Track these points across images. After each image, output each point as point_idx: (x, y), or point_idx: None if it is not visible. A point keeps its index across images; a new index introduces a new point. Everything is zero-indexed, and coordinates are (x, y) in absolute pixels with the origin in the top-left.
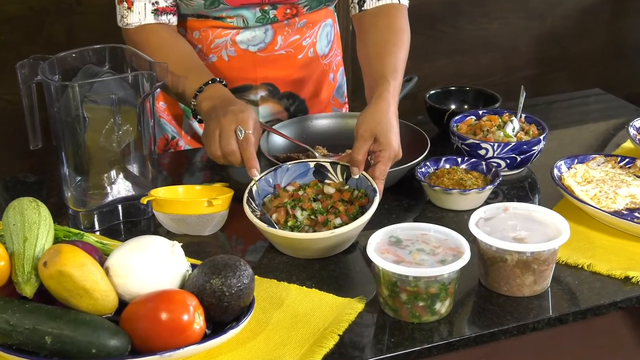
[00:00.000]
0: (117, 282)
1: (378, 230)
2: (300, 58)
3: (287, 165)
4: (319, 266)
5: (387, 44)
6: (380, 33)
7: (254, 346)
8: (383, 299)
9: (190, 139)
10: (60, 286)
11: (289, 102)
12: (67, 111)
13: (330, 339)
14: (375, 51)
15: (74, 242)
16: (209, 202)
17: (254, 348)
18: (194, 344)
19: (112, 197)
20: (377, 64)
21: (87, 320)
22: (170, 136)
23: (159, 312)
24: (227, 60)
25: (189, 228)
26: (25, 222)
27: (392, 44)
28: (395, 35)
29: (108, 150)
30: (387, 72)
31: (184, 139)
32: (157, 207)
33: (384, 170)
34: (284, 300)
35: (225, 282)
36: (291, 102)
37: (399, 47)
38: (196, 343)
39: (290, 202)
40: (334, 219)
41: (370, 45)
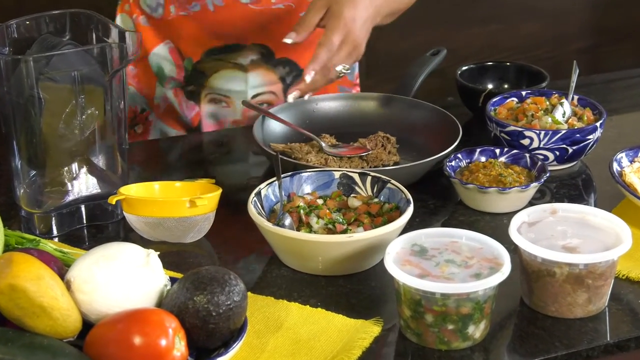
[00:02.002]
0: (80, 299)
1: (398, 238)
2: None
3: (306, 173)
4: (326, 282)
5: None
6: None
7: None
8: (404, 320)
9: (163, 112)
10: (12, 303)
11: (285, 70)
12: (19, 91)
13: None
14: None
15: (28, 250)
16: (191, 202)
17: None
18: None
19: (73, 196)
20: None
21: (44, 345)
22: (140, 108)
23: (131, 336)
24: (212, 10)
25: (167, 234)
26: None
27: None
28: None
29: (69, 139)
30: None
31: (155, 111)
32: (129, 209)
33: (324, 41)
34: (283, 322)
35: (212, 300)
36: (288, 71)
37: None
38: None
39: (305, 207)
40: (356, 229)
41: None
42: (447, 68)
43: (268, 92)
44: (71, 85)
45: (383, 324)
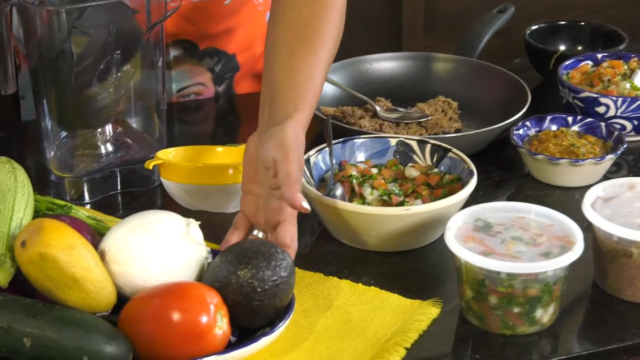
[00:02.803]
0: (115, 271)
1: (460, 212)
2: (227, 4)
3: (360, 139)
4: (380, 258)
5: (297, 44)
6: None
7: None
8: (465, 302)
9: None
10: (42, 273)
11: (213, 60)
12: (50, 45)
13: (394, 353)
14: (281, 58)
15: (59, 216)
16: (234, 168)
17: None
18: (214, 354)
19: (107, 160)
20: (278, 83)
21: (76, 319)
22: None
23: (169, 312)
24: None
25: (208, 202)
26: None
27: (305, 45)
28: (314, 25)
29: (102, 98)
30: (288, 102)
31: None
32: (166, 174)
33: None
34: (333, 300)
35: (257, 275)
36: (216, 61)
37: (316, 50)
38: (217, 353)
39: (358, 177)
40: (414, 201)
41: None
42: (514, 27)
43: (197, 84)
44: (106, 40)
45: (442, 305)
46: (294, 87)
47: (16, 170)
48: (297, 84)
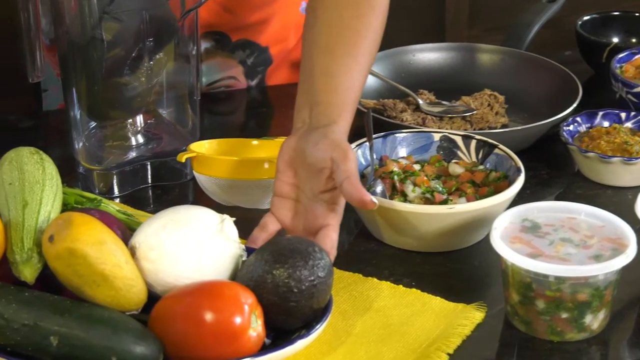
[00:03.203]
0: (146, 268)
1: (506, 211)
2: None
3: (402, 134)
4: (421, 259)
5: (338, 47)
6: (335, 20)
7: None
8: (511, 306)
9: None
10: (70, 269)
11: (245, 53)
12: (80, 31)
13: (436, 359)
14: (321, 61)
15: (89, 210)
16: (270, 162)
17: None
18: (248, 356)
19: (137, 152)
20: (319, 88)
21: (105, 318)
22: None
23: (201, 311)
24: None
25: (242, 198)
26: (26, 181)
27: (347, 49)
28: (356, 28)
29: (134, 87)
30: (332, 108)
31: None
32: (199, 168)
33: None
34: (372, 302)
35: (293, 274)
36: (248, 53)
37: (357, 55)
38: (251, 355)
39: (399, 173)
40: (458, 199)
41: (315, 48)
42: (564, 17)
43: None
44: (138, 26)
45: (487, 309)
46: (337, 93)
47: (44, 162)
48: (339, 90)
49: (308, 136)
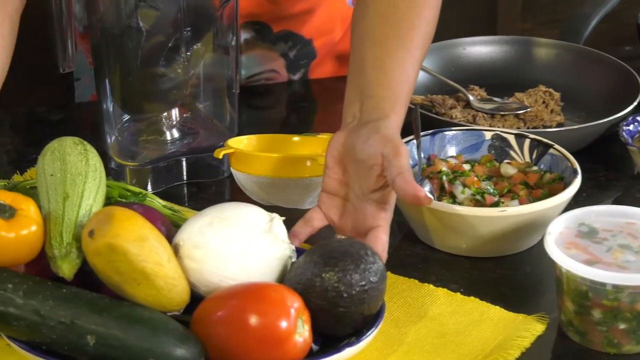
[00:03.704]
0: (189, 267)
1: (562, 215)
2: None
3: (451, 132)
4: (470, 264)
5: (391, 39)
6: (388, 11)
7: None
8: (565, 316)
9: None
10: (110, 266)
11: (287, 45)
12: (115, 20)
13: None
14: (373, 54)
15: (132, 204)
16: (312, 159)
17: None
18: None
19: (172, 148)
20: (371, 81)
21: (144, 318)
22: None
23: (246, 315)
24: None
25: (282, 197)
26: (68, 172)
27: (400, 40)
28: (410, 19)
29: (170, 79)
30: (385, 102)
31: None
32: (237, 165)
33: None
34: (427, 310)
35: (344, 278)
36: (291, 45)
37: (411, 48)
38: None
39: (448, 173)
40: (510, 202)
41: (366, 39)
42: (624, 11)
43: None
44: (176, 15)
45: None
46: (390, 87)
47: (88, 153)
48: (392, 84)
49: (358, 131)
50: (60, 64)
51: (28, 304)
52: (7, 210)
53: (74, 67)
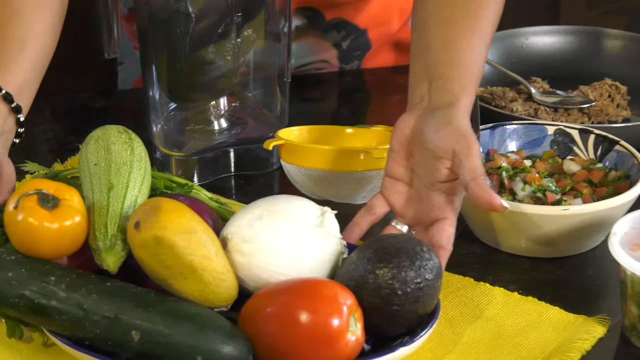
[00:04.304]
0: (238, 261)
1: (627, 215)
2: None
3: (512, 126)
4: (530, 264)
5: (459, 20)
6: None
7: None
8: (629, 320)
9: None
10: (156, 259)
11: (340, 34)
12: (162, 4)
13: None
14: (440, 34)
15: (178, 196)
16: (366, 153)
17: None
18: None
19: (220, 138)
20: (439, 61)
21: (191, 314)
22: None
23: (296, 312)
24: None
25: (334, 191)
26: (112, 162)
27: (468, 21)
28: (479, 1)
29: (219, 67)
30: (454, 83)
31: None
32: (288, 157)
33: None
34: (483, 310)
35: (398, 275)
36: (344, 35)
37: (480, 29)
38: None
39: (508, 169)
40: (572, 200)
41: (431, 20)
42: None
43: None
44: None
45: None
46: (459, 67)
47: (133, 142)
48: (462, 64)
49: (429, 117)
50: (105, 49)
51: (71, 298)
52: (51, 200)
53: (119, 53)
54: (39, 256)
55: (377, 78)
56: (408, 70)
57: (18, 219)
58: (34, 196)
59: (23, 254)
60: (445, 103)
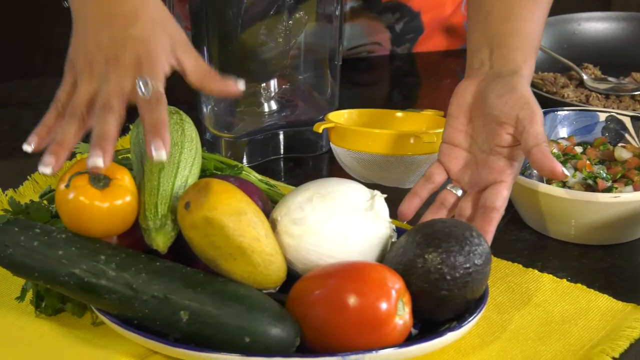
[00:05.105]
0: (287, 243)
1: None
2: None
3: (563, 112)
4: (579, 251)
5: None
6: None
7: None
8: None
9: None
10: (206, 240)
11: (394, 16)
12: None
13: None
14: (501, 3)
15: (228, 177)
16: (416, 136)
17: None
18: (393, 346)
19: (270, 120)
20: (500, 30)
21: (240, 295)
22: None
23: (344, 295)
24: None
25: (383, 175)
26: None
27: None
28: None
29: (270, 48)
30: (517, 52)
31: None
32: (337, 140)
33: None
34: (531, 296)
35: (447, 260)
36: (398, 17)
37: (540, 1)
38: (396, 346)
39: (559, 155)
40: (623, 187)
41: None
42: None
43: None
44: None
45: None
46: (521, 37)
47: (184, 122)
48: (524, 34)
49: (492, 83)
50: None
51: (120, 277)
52: (102, 179)
53: None
54: (89, 235)
55: (428, 62)
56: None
57: (69, 197)
58: (86, 175)
59: (73, 233)
60: (509, 70)
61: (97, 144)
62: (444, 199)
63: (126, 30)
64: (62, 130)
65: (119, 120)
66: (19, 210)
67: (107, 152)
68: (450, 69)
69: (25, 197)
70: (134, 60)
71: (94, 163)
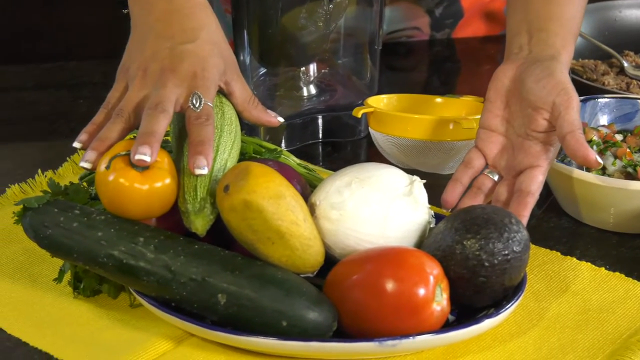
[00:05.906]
0: (325, 228)
1: None
2: None
3: (603, 99)
4: (618, 240)
5: None
6: None
7: (518, 348)
8: None
9: None
10: (245, 223)
11: (434, 1)
12: None
13: (638, 352)
14: None
15: (267, 161)
16: (455, 122)
17: (517, 351)
18: (430, 332)
19: (309, 104)
20: (540, 15)
21: (278, 279)
22: None
23: (382, 280)
24: None
25: (421, 160)
26: None
27: None
28: None
29: (310, 32)
30: (556, 37)
31: None
32: (376, 125)
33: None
34: (569, 284)
35: (486, 247)
36: (437, 1)
37: None
38: (433, 332)
39: (599, 142)
40: None
41: None
42: None
43: (411, 28)
44: None
45: None
46: (561, 22)
47: (224, 106)
48: (563, 19)
49: (530, 68)
50: None
51: (159, 259)
52: None
53: None
54: (128, 217)
55: (467, 48)
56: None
57: (109, 179)
58: (126, 157)
59: (112, 215)
60: (547, 55)
61: (145, 140)
62: (481, 184)
63: (185, 46)
64: (107, 128)
65: (167, 122)
66: (58, 192)
67: (154, 148)
68: (489, 54)
69: (65, 178)
70: (191, 74)
71: (141, 157)
